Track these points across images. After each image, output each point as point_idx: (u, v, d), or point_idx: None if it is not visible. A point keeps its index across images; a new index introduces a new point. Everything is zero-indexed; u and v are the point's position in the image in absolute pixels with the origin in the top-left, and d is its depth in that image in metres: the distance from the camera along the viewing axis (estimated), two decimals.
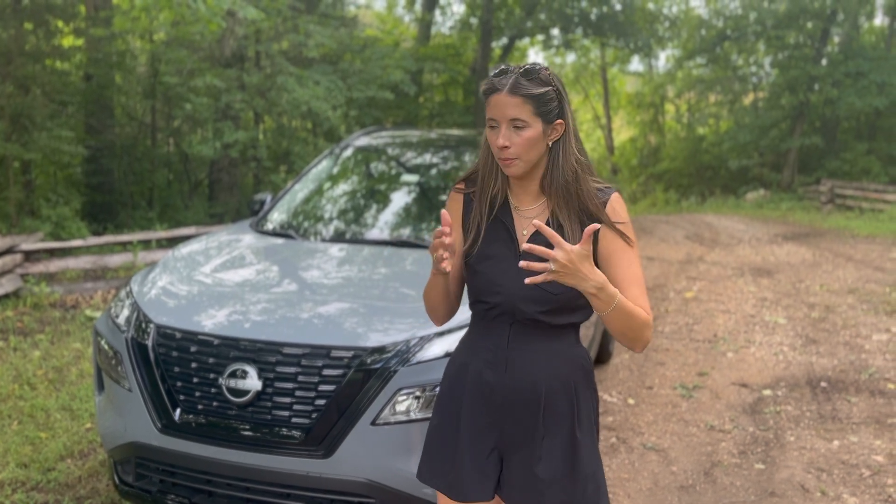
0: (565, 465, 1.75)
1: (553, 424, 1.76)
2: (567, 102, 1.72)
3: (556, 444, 1.76)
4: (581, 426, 1.77)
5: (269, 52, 12.04)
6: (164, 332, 2.74)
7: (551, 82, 1.68)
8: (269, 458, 2.50)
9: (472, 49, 20.18)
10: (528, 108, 1.64)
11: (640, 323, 1.66)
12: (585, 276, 1.53)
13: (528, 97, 1.64)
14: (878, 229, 13.67)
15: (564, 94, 1.71)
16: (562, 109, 1.70)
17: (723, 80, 25.08)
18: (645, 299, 1.71)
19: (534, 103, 1.64)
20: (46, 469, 3.62)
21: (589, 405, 1.82)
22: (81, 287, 7.25)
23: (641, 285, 1.72)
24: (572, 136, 1.72)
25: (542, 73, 1.67)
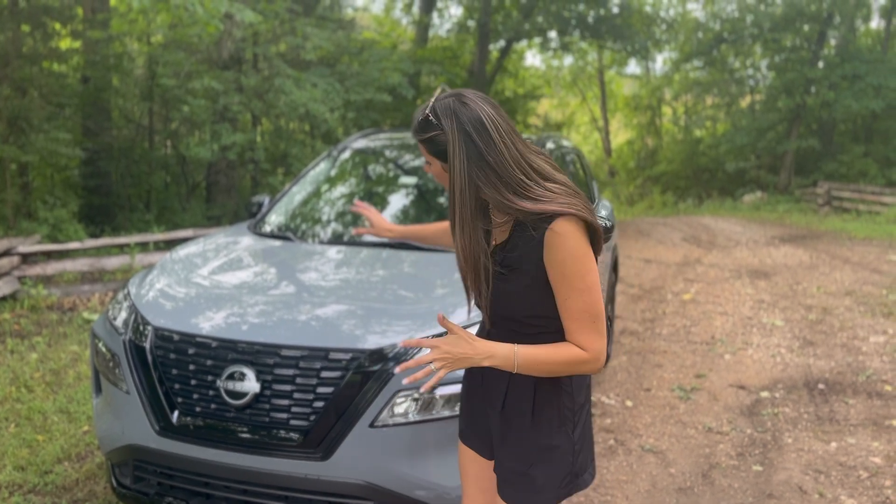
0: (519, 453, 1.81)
1: (513, 419, 1.81)
2: (464, 139, 1.63)
3: (513, 431, 1.81)
4: (539, 418, 1.78)
5: (267, 55, 12.04)
6: (162, 335, 2.73)
7: (440, 127, 1.66)
8: (267, 461, 2.50)
9: (469, 52, 20.20)
10: (426, 149, 1.74)
11: (565, 366, 1.67)
12: (468, 356, 1.62)
13: (422, 142, 1.73)
14: (874, 231, 13.70)
15: (460, 133, 1.63)
16: (455, 148, 1.64)
17: (720, 82, 25.13)
18: (588, 335, 1.66)
19: (427, 146, 1.72)
20: (44, 472, 3.61)
21: (551, 398, 1.78)
22: (78, 289, 7.24)
23: (580, 318, 1.65)
24: (461, 174, 1.63)
25: (436, 119, 1.67)
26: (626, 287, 8.47)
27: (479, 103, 1.66)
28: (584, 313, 1.65)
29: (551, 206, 1.63)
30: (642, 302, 7.74)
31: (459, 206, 1.66)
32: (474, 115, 1.63)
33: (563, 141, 5.13)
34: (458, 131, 1.63)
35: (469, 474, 2.00)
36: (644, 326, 6.73)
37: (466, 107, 1.65)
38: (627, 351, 5.93)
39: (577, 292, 1.64)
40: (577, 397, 1.81)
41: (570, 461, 1.78)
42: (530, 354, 1.65)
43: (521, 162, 1.67)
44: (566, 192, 1.68)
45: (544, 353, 1.66)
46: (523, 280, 1.69)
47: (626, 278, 9.02)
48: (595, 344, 1.66)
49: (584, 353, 1.66)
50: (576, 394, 1.80)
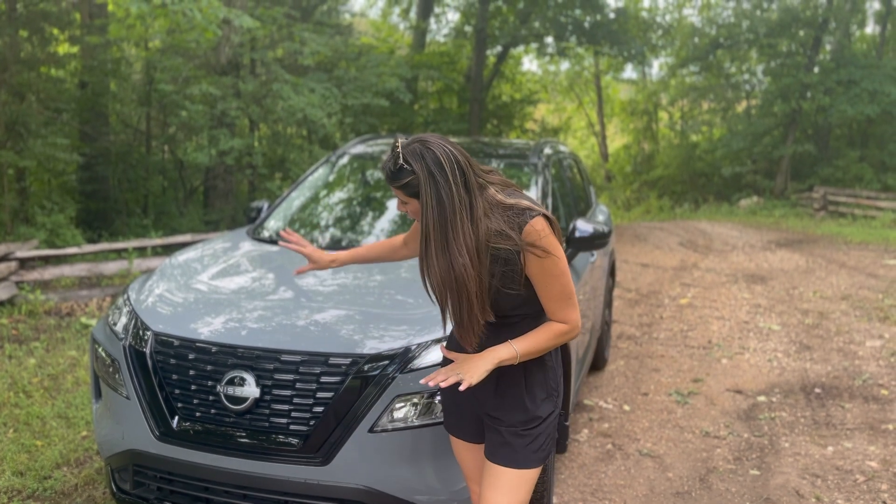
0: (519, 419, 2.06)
1: (509, 397, 2.05)
2: (436, 175, 1.82)
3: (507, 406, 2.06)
4: (531, 394, 2.05)
5: (265, 60, 12.05)
6: (162, 340, 2.74)
7: (412, 172, 1.83)
8: (266, 466, 2.51)
9: (466, 57, 20.24)
10: (403, 193, 1.90)
11: (553, 342, 2.00)
12: (482, 364, 1.93)
13: (398, 188, 1.89)
14: (870, 236, 13.75)
15: (430, 173, 1.82)
16: (427, 187, 1.83)
17: (716, 87, 25.18)
18: (566, 310, 1.97)
19: (404, 190, 1.88)
20: (42, 477, 3.61)
21: (539, 376, 2.07)
22: (76, 294, 7.23)
23: (561, 299, 1.96)
24: (433, 207, 1.82)
25: (407, 164, 1.84)
26: (623, 291, 8.49)
27: (441, 143, 1.87)
28: (561, 295, 1.95)
29: (524, 205, 1.90)
30: (639, 306, 7.76)
31: (436, 236, 1.85)
32: (440, 154, 1.84)
33: (560, 146, 5.15)
34: (428, 172, 1.82)
35: (467, 463, 2.25)
36: (641, 331, 6.75)
37: (430, 149, 1.85)
38: (625, 355, 5.95)
39: (554, 279, 1.93)
40: (559, 369, 2.13)
41: (555, 425, 2.10)
42: (526, 344, 1.97)
43: (484, 184, 1.92)
44: (518, 194, 1.96)
45: (535, 339, 1.98)
46: (507, 278, 1.94)
47: (623, 283, 9.04)
48: (572, 316, 1.99)
49: (565, 326, 1.99)
50: (557, 367, 2.12)
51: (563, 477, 3.79)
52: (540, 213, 1.90)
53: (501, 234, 1.88)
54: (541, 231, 1.88)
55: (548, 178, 4.04)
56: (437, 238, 1.84)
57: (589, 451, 4.12)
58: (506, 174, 4.25)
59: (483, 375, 1.93)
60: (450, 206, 1.82)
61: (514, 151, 4.50)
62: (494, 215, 1.89)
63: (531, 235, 1.87)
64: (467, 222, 1.83)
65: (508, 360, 1.96)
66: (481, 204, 1.87)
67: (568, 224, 4.03)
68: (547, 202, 3.85)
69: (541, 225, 1.88)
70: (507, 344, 1.96)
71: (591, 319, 4.39)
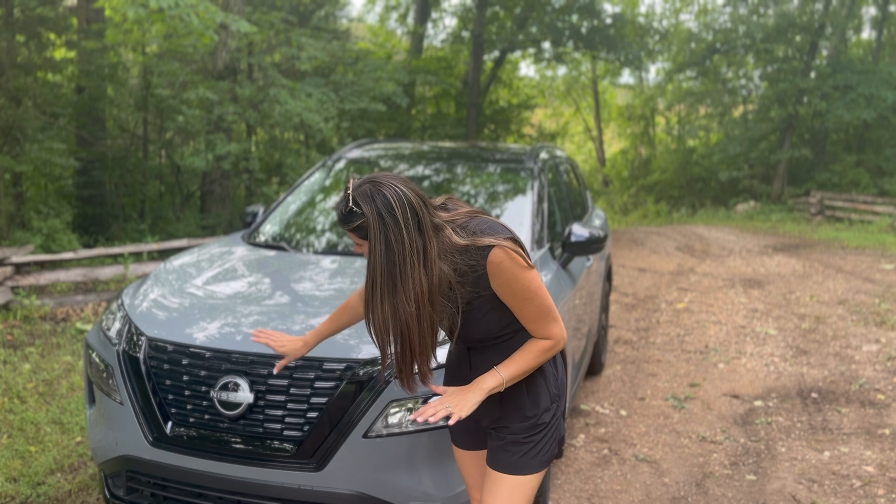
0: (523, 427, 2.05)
1: (511, 407, 2.04)
2: (386, 217, 1.75)
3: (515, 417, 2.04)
4: (534, 402, 2.03)
5: (262, 65, 12.07)
6: (156, 345, 2.73)
7: (363, 214, 1.77)
8: (260, 472, 2.49)
9: (463, 62, 20.27)
10: (356, 235, 1.84)
11: (540, 359, 1.97)
12: (471, 397, 1.91)
13: (350, 230, 1.83)
14: (867, 240, 13.77)
15: (380, 215, 1.75)
16: (376, 231, 1.76)
17: (712, 92, 25.27)
18: (547, 327, 1.95)
19: (356, 232, 1.82)
20: (36, 483, 3.60)
21: (541, 383, 2.05)
22: (72, 300, 7.22)
23: (538, 318, 1.93)
24: (381, 252, 1.76)
25: (357, 207, 1.78)
26: (620, 296, 8.49)
27: (393, 184, 1.79)
28: (539, 314, 1.93)
29: (481, 243, 1.84)
30: (636, 311, 7.76)
31: (383, 281, 1.78)
32: (391, 195, 1.77)
33: (556, 150, 5.16)
34: (378, 215, 1.76)
35: (469, 470, 2.24)
36: (638, 335, 6.74)
37: (381, 191, 1.78)
38: (621, 360, 5.94)
39: (529, 301, 1.90)
40: (560, 373, 2.11)
41: (557, 427, 2.08)
42: (512, 368, 1.95)
43: (440, 225, 1.84)
44: (482, 224, 1.89)
45: (520, 360, 1.96)
46: (483, 309, 1.93)
47: (619, 287, 9.04)
48: (555, 331, 1.96)
49: (549, 342, 1.97)
50: (558, 371, 2.10)
51: (559, 482, 3.78)
52: (496, 245, 1.83)
53: (460, 276, 1.84)
54: (500, 263, 1.83)
55: (543, 183, 4.04)
56: (383, 283, 1.78)
57: (585, 456, 4.11)
58: (502, 179, 4.27)
59: (473, 408, 1.91)
60: (399, 251, 1.75)
61: (510, 156, 4.50)
62: (451, 257, 1.83)
63: (491, 269, 1.84)
64: (419, 267, 1.77)
65: (496, 388, 1.94)
66: (436, 246, 1.80)
67: (564, 228, 4.03)
68: (542, 207, 3.84)
69: (498, 258, 1.83)
70: (493, 371, 1.94)
71: (588, 324, 4.38)
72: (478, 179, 4.29)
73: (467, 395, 1.92)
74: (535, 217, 3.72)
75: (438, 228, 1.83)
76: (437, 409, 1.88)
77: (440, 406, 1.89)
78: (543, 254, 3.53)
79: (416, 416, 1.85)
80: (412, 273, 1.76)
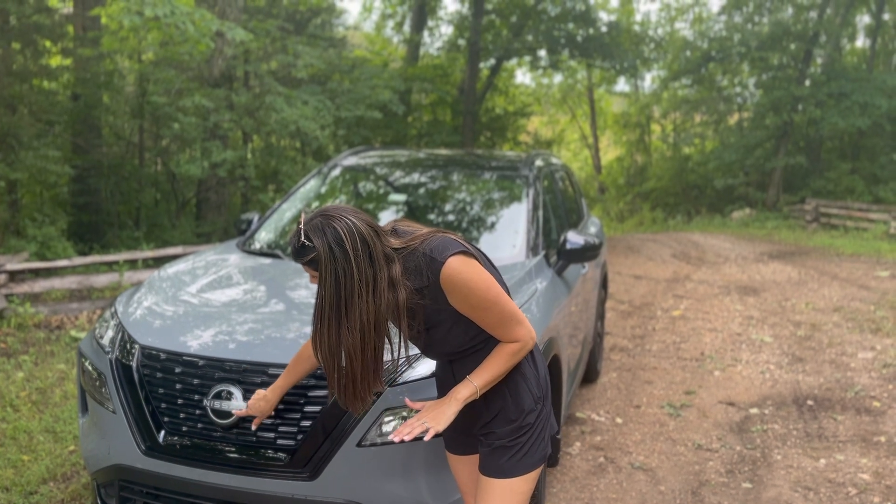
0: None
1: (495, 412, 2.06)
2: (336, 250, 1.79)
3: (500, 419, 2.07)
4: (517, 405, 2.05)
5: (258, 72, 12.07)
6: (149, 353, 2.72)
7: (314, 248, 1.81)
8: (254, 481, 2.48)
9: (460, 70, 20.32)
10: (310, 268, 1.88)
11: (511, 361, 2.00)
12: (447, 409, 1.97)
13: (304, 264, 1.87)
14: (862, 248, 13.81)
15: (330, 248, 1.79)
16: (327, 264, 1.81)
17: (708, 100, 25.32)
18: (512, 331, 1.97)
19: (310, 266, 1.86)
20: (28, 493, 3.57)
21: (522, 385, 2.07)
22: (66, 307, 7.19)
23: (501, 324, 1.96)
24: (330, 284, 1.81)
25: (309, 241, 1.81)
26: (615, 303, 8.49)
27: (345, 216, 1.84)
28: (501, 320, 1.96)
29: (433, 264, 1.87)
30: (632, 318, 7.75)
31: (330, 313, 1.83)
32: (342, 228, 1.81)
33: (552, 158, 5.16)
34: (329, 248, 1.80)
35: (462, 477, 2.26)
36: (634, 343, 6.74)
37: (332, 224, 1.82)
38: (617, 368, 5.93)
39: (488, 310, 1.93)
40: (541, 373, 2.11)
41: (544, 428, 2.10)
42: (484, 376, 1.98)
43: (389, 252, 1.88)
44: (433, 243, 1.91)
45: (492, 366, 1.99)
46: (446, 325, 1.97)
47: (615, 294, 9.04)
48: (520, 333, 1.98)
49: (517, 344, 1.99)
50: (539, 372, 2.10)
51: (554, 490, 3.77)
52: (444, 262, 1.87)
53: (417, 297, 1.89)
54: (451, 279, 1.87)
55: (539, 191, 4.04)
56: (330, 315, 1.83)
57: (581, 464, 4.10)
58: (497, 186, 4.27)
59: (450, 420, 1.96)
60: (348, 284, 1.80)
61: (505, 164, 4.50)
62: (404, 282, 1.88)
63: (445, 286, 1.88)
64: (367, 297, 1.82)
65: (471, 397, 1.98)
66: (387, 275, 1.85)
67: (559, 236, 4.03)
68: (538, 214, 3.85)
69: (448, 274, 1.87)
70: (466, 381, 1.99)
71: (584, 331, 4.38)
72: (473, 187, 4.29)
73: (443, 409, 1.98)
74: (530, 224, 3.72)
75: (390, 259, 1.87)
76: (414, 426, 1.95)
77: (416, 423, 1.95)
78: (539, 261, 3.53)
79: (393, 437, 1.93)
80: (359, 303, 1.82)
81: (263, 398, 2.41)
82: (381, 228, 1.92)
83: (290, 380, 2.40)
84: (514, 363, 2.01)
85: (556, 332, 3.25)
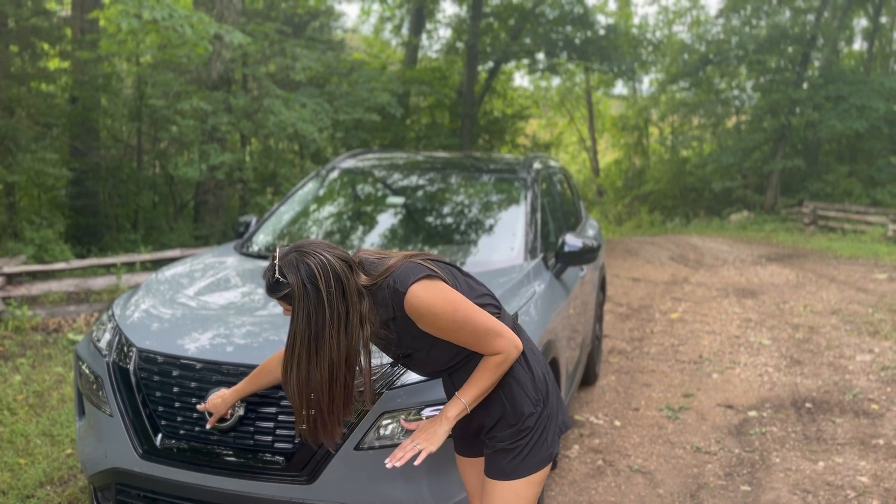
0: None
1: (495, 418, 2.07)
2: (308, 287, 1.82)
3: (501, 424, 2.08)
4: (515, 410, 2.05)
5: (256, 75, 12.07)
6: (146, 356, 2.71)
7: (288, 284, 1.83)
8: (251, 484, 2.47)
9: (458, 72, 20.33)
10: (284, 303, 1.89)
11: (496, 373, 2.00)
12: (439, 429, 2.00)
13: (278, 299, 1.88)
14: (860, 250, 13.82)
15: (303, 284, 1.82)
16: (300, 300, 1.83)
17: (706, 103, 25.37)
18: (491, 344, 1.96)
19: (284, 300, 1.88)
20: (25, 496, 3.56)
21: (517, 390, 2.07)
22: (64, 310, 7.17)
23: (478, 340, 1.95)
24: (302, 320, 1.83)
25: (283, 277, 1.83)
26: (614, 306, 8.48)
27: (318, 252, 1.86)
28: (476, 337, 1.95)
29: (396, 295, 1.89)
30: (630, 321, 7.75)
31: (300, 350, 1.86)
32: (315, 265, 1.83)
33: (550, 161, 5.16)
34: (302, 285, 1.82)
35: (470, 479, 2.27)
36: (632, 345, 6.73)
37: (306, 261, 1.83)
38: (616, 370, 5.93)
39: (459, 331, 1.93)
40: (538, 376, 2.09)
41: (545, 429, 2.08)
42: (471, 392, 2.00)
43: (360, 288, 1.90)
44: (395, 274, 1.91)
45: (478, 381, 1.99)
46: (424, 349, 1.99)
47: (614, 297, 9.04)
48: (500, 345, 1.97)
49: (499, 356, 1.98)
50: (536, 374, 2.09)
51: (553, 493, 3.76)
52: (404, 291, 1.87)
53: (387, 328, 1.93)
54: (415, 307, 1.88)
55: (537, 193, 4.04)
56: (300, 351, 1.86)
57: (579, 467, 4.09)
58: (496, 189, 4.27)
59: (442, 440, 1.99)
60: (319, 321, 1.83)
61: (503, 166, 4.50)
62: (375, 316, 1.92)
63: (411, 314, 1.89)
64: (337, 334, 1.85)
65: (462, 413, 2.01)
66: (360, 310, 1.87)
67: (557, 238, 4.03)
68: (536, 217, 3.84)
69: (411, 303, 1.88)
70: (455, 399, 2.01)
71: (582, 334, 4.37)
72: (472, 189, 4.29)
73: (434, 428, 2.01)
74: (528, 227, 3.72)
75: (361, 294, 1.89)
76: (406, 449, 1.98)
77: (409, 445, 1.99)
78: (537, 264, 3.53)
79: (388, 462, 1.97)
80: (329, 340, 1.84)
81: (220, 396, 2.44)
82: (354, 263, 1.93)
83: (249, 388, 2.41)
84: (500, 374, 2.01)
85: (554, 335, 3.24)
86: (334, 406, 1.92)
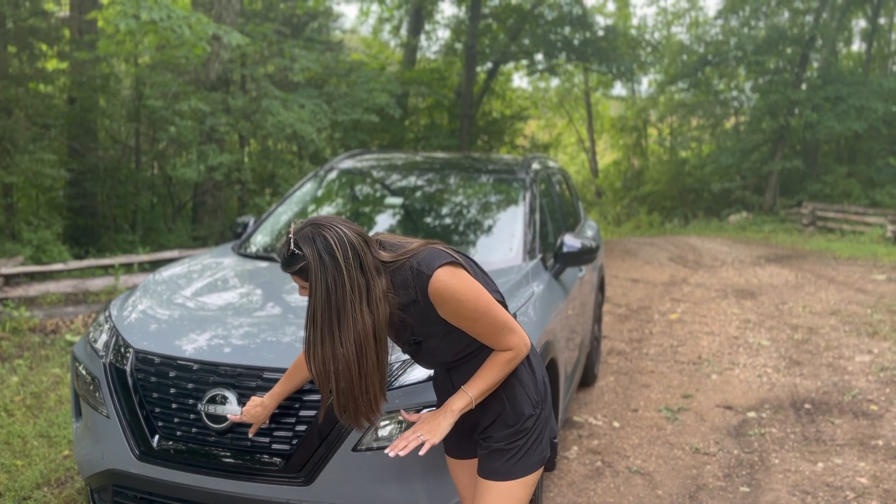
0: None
1: (493, 417, 2.05)
2: (327, 260, 1.78)
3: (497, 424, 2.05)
4: (515, 411, 2.03)
5: (255, 76, 12.06)
6: (143, 357, 2.70)
7: (304, 257, 1.80)
8: (248, 486, 2.46)
9: (456, 73, 20.33)
10: (299, 278, 1.86)
11: (505, 370, 1.98)
12: (443, 421, 1.96)
13: (293, 274, 1.86)
14: (859, 251, 13.82)
15: (321, 257, 1.78)
16: (317, 273, 1.79)
17: (704, 104, 25.39)
18: (505, 339, 1.95)
19: (299, 275, 1.85)
20: (22, 498, 3.54)
21: (519, 390, 2.05)
22: (62, 311, 7.16)
23: (493, 333, 1.93)
24: (321, 293, 1.79)
25: (299, 249, 1.80)
26: (613, 307, 8.48)
27: (335, 225, 1.83)
28: (492, 330, 1.93)
29: (420, 277, 1.86)
30: (629, 322, 7.75)
31: (322, 323, 1.81)
32: (332, 237, 1.80)
33: (549, 161, 5.15)
34: (319, 257, 1.79)
35: (462, 481, 2.24)
36: (631, 346, 6.73)
37: (322, 234, 1.81)
38: (615, 371, 5.92)
39: (478, 321, 1.91)
40: (539, 378, 2.09)
41: (542, 431, 2.07)
42: (478, 385, 1.97)
43: (378, 264, 1.87)
44: (420, 256, 1.89)
45: (486, 376, 1.97)
46: (438, 336, 1.95)
47: (612, 298, 9.03)
48: (513, 341, 1.96)
49: (511, 352, 1.96)
50: (536, 375, 2.08)
51: (551, 495, 3.75)
52: (431, 275, 1.85)
53: (405, 311, 1.89)
54: (439, 292, 1.85)
55: (536, 194, 4.03)
56: (322, 325, 1.81)
57: (578, 468, 4.08)
58: (494, 189, 4.26)
59: (445, 432, 1.96)
60: (340, 294, 1.78)
61: (502, 167, 4.49)
62: (393, 296, 1.88)
63: (434, 299, 1.86)
64: (360, 306, 1.80)
65: (467, 407, 1.98)
66: (380, 285, 1.84)
67: (556, 239, 4.02)
68: (535, 217, 3.83)
69: (436, 288, 1.85)
70: (461, 392, 1.98)
71: (581, 335, 4.37)
72: (470, 190, 4.28)
73: (439, 421, 1.96)
74: (527, 227, 3.71)
75: (379, 270, 1.86)
76: (409, 439, 1.93)
77: (411, 436, 1.94)
78: (535, 264, 3.52)
79: (389, 451, 1.91)
80: (353, 313, 1.79)
81: (260, 405, 2.38)
82: (371, 239, 1.89)
83: (288, 387, 2.37)
84: (508, 371, 1.99)
85: (553, 336, 3.23)
86: (368, 384, 1.87)
